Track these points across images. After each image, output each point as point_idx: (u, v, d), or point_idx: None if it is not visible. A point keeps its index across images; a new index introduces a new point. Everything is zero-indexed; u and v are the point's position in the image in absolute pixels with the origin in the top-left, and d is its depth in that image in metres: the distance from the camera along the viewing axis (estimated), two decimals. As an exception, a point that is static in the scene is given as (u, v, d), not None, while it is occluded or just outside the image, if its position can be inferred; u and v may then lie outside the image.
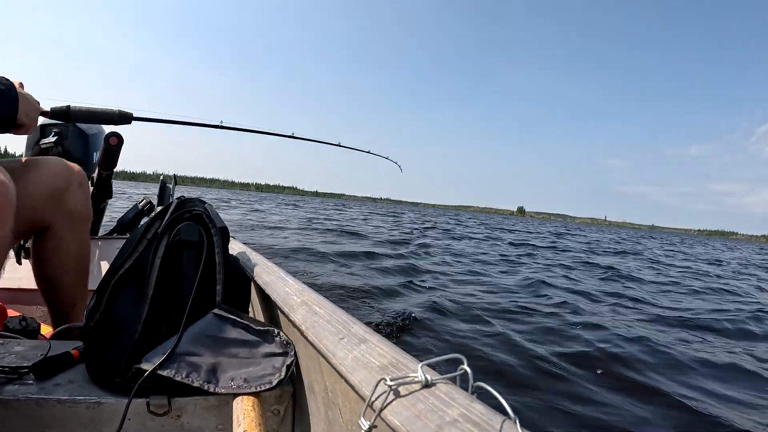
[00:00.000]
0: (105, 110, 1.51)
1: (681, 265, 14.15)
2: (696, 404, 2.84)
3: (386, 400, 0.52)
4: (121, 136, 2.04)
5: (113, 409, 0.90)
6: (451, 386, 0.51)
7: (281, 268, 1.23)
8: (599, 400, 2.82)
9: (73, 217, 1.34)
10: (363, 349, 0.67)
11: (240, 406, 0.85)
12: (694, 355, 3.88)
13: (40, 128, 2.17)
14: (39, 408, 0.89)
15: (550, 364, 3.32)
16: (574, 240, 24.18)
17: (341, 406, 0.75)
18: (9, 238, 0.79)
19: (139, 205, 2.34)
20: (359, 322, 0.78)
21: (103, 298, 1.03)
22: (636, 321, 5.08)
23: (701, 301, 7.15)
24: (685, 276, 10.79)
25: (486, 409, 0.46)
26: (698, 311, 6.04)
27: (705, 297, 7.61)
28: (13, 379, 0.93)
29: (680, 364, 3.63)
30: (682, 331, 4.78)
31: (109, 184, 2.21)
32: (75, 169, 1.37)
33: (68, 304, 1.39)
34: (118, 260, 1.07)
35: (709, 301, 7.14)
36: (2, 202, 0.78)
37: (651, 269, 11.80)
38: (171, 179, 2.53)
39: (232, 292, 1.11)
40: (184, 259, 1.09)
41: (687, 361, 3.71)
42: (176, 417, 0.92)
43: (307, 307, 0.91)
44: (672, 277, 10.14)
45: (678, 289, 8.32)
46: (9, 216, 0.79)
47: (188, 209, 1.13)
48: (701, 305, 6.61)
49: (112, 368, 0.95)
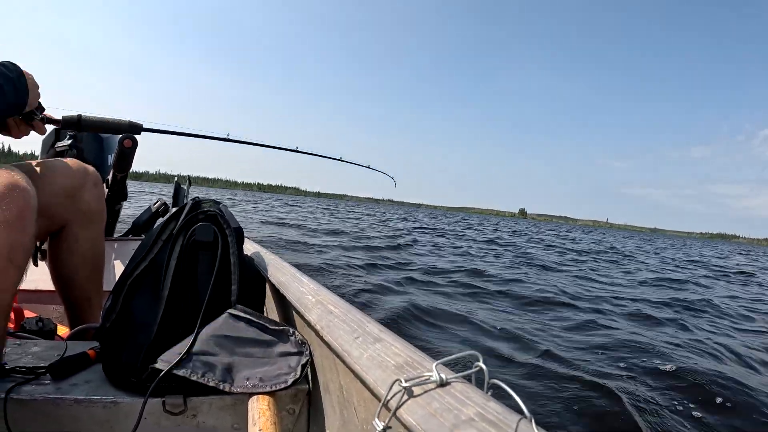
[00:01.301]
0: (115, 120, 1.54)
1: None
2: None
3: (401, 399, 0.52)
4: (135, 139, 2.06)
5: (129, 408, 0.91)
6: (467, 385, 0.51)
7: (296, 268, 1.23)
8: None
9: (88, 216, 1.36)
10: (378, 348, 0.67)
11: (255, 406, 0.85)
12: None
13: (54, 131, 2.20)
14: (56, 408, 0.89)
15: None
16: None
17: (356, 405, 0.75)
18: (32, 242, 0.80)
19: (153, 206, 2.36)
20: (374, 321, 0.78)
21: (119, 299, 1.04)
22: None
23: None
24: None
25: (502, 408, 0.45)
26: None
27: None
28: (30, 380, 0.94)
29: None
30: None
31: (123, 186, 2.23)
32: (90, 170, 1.39)
33: (84, 303, 1.41)
34: (133, 261, 1.08)
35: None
36: (24, 207, 0.79)
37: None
38: (185, 181, 2.55)
39: (247, 292, 1.11)
40: (200, 260, 1.09)
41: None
42: (192, 416, 0.93)
43: (322, 306, 0.91)
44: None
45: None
46: (31, 221, 0.80)
47: (203, 210, 1.14)
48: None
49: (128, 368, 0.96)
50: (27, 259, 0.80)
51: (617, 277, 9.58)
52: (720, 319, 5.78)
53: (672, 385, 3.06)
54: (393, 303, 4.54)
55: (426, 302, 4.71)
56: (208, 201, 1.18)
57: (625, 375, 3.16)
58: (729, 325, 5.43)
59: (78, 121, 1.46)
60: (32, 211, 0.81)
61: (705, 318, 5.72)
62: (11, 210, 0.76)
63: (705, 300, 6.92)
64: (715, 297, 7.48)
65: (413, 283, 6.11)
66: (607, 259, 14.69)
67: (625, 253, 19.11)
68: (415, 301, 4.62)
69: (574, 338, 4.09)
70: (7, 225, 0.75)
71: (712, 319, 5.68)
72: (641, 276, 10.22)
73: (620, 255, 17.36)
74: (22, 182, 0.81)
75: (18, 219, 0.77)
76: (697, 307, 6.35)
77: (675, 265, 14.83)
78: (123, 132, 1.54)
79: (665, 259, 17.79)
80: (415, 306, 4.43)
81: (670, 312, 5.86)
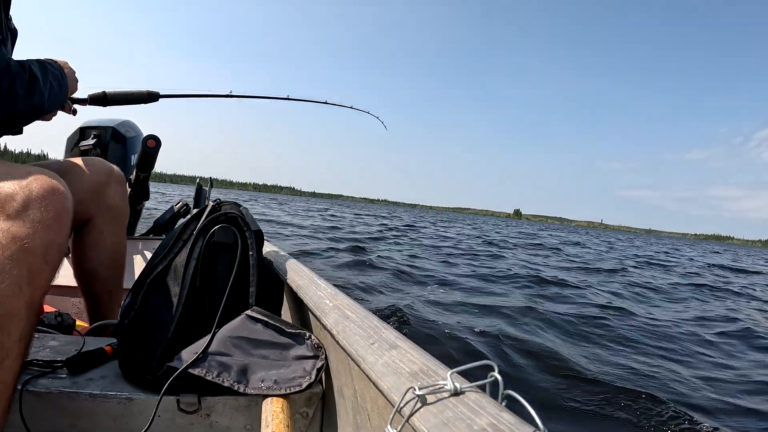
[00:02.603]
0: (136, 92, 1.59)
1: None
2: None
3: (414, 407, 0.52)
4: (158, 138, 2.08)
5: (144, 405, 0.91)
6: (481, 394, 0.51)
7: (314, 272, 1.24)
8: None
9: (112, 212, 1.39)
10: (393, 355, 0.67)
11: (269, 408, 0.85)
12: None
13: (79, 131, 2.25)
14: (71, 401, 0.91)
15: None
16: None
17: (370, 411, 0.75)
18: (66, 243, 0.83)
19: (175, 207, 2.39)
20: (390, 327, 0.78)
21: (138, 297, 1.05)
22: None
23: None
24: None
25: (515, 419, 0.45)
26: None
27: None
28: (47, 373, 0.96)
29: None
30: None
31: (146, 186, 2.27)
32: (114, 169, 1.42)
33: (105, 298, 1.43)
34: (153, 260, 1.10)
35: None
36: (62, 210, 0.82)
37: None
38: (207, 182, 2.58)
39: (265, 294, 1.12)
40: (219, 261, 1.10)
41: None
42: (205, 415, 0.93)
43: (339, 311, 0.91)
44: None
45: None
46: (67, 224, 0.84)
47: (224, 212, 1.15)
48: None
49: (144, 365, 0.97)
50: (61, 259, 0.83)
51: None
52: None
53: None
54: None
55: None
56: (229, 203, 1.19)
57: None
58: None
59: (104, 97, 1.50)
60: (69, 215, 0.84)
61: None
62: (49, 212, 0.79)
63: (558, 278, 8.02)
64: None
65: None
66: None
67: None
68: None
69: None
70: (45, 226, 0.78)
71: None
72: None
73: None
74: (61, 187, 0.84)
75: (55, 221, 0.80)
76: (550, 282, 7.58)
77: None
78: (143, 100, 1.59)
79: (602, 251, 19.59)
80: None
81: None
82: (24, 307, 0.75)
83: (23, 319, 0.75)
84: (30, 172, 0.83)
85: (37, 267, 0.77)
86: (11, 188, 0.79)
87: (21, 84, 0.96)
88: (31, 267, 0.76)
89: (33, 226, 0.77)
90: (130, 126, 2.38)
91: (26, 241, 0.75)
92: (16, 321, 0.74)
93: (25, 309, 0.75)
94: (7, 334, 0.73)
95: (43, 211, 0.78)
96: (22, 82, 0.97)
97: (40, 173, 0.84)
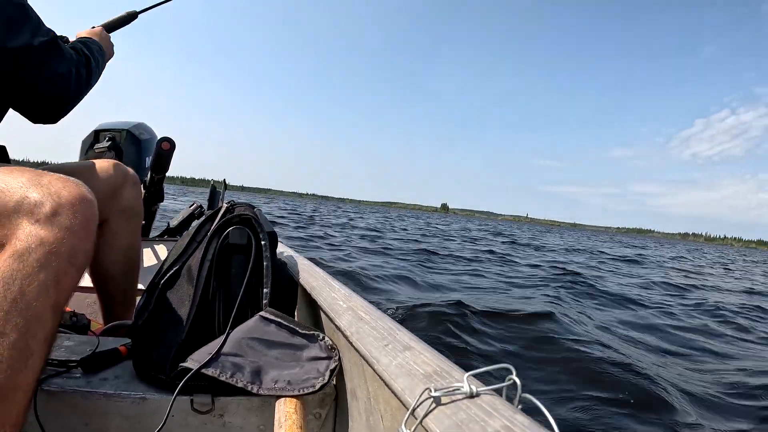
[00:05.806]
0: (118, 17, 1.56)
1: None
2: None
3: (429, 408, 0.52)
4: (173, 141, 2.10)
5: (157, 405, 0.92)
6: (496, 397, 0.50)
7: (328, 274, 1.24)
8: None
9: (127, 213, 1.40)
10: (407, 357, 0.66)
11: (282, 408, 0.85)
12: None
13: (94, 133, 2.27)
14: (85, 401, 0.91)
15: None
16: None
17: (383, 412, 0.75)
18: (93, 248, 0.84)
19: (189, 208, 2.40)
20: (404, 329, 0.77)
21: (153, 298, 1.05)
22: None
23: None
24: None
25: (530, 422, 0.44)
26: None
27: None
28: (62, 372, 0.96)
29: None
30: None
31: (160, 188, 2.28)
32: (129, 171, 1.44)
33: (119, 298, 1.44)
34: (168, 261, 1.10)
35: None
36: (90, 217, 0.84)
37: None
38: (221, 184, 2.59)
39: (278, 295, 1.12)
40: (233, 262, 1.11)
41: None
42: (219, 416, 0.93)
43: (353, 312, 0.91)
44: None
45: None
46: (94, 230, 0.86)
47: (238, 213, 1.15)
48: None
49: (158, 366, 0.97)
50: (87, 264, 0.85)
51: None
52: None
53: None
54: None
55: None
56: (243, 205, 1.20)
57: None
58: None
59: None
60: (95, 222, 0.86)
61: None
62: (77, 218, 0.81)
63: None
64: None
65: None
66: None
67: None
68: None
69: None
70: (72, 232, 0.79)
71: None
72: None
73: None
74: (89, 195, 0.87)
75: (83, 228, 0.82)
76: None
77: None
78: (127, 21, 1.57)
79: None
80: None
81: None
82: (50, 310, 0.76)
83: (48, 321, 0.77)
84: (59, 179, 0.85)
85: (64, 271, 0.78)
86: (40, 194, 0.80)
87: (86, 70, 1.09)
88: (58, 271, 0.77)
89: (62, 232, 0.78)
90: (144, 128, 2.40)
91: (54, 245, 0.77)
92: (42, 323, 0.75)
93: (50, 311, 0.77)
94: (32, 335, 0.74)
95: (71, 218, 0.80)
96: (88, 70, 1.10)
97: (68, 181, 0.85)
